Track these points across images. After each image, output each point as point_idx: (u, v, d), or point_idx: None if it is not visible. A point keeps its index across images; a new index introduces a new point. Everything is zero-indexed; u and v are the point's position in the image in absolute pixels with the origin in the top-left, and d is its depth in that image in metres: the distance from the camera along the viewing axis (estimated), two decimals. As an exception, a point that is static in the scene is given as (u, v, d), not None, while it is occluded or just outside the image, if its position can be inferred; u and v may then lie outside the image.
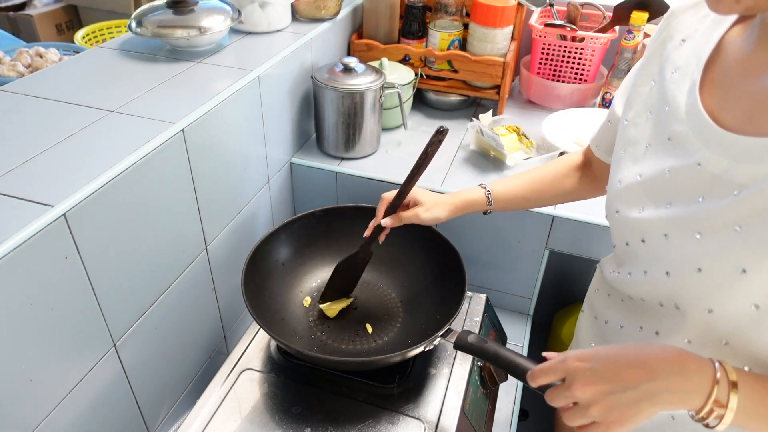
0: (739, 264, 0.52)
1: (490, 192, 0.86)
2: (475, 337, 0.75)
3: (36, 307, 0.62)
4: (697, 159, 0.55)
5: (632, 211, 0.63)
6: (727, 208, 0.52)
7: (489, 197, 0.86)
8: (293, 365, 0.87)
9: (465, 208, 0.86)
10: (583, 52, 1.36)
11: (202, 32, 0.99)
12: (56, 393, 0.68)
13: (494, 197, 0.86)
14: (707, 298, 0.56)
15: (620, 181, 0.66)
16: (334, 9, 1.24)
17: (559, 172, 0.86)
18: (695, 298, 0.57)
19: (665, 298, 0.62)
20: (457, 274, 0.88)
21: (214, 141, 0.89)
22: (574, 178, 0.86)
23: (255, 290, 0.87)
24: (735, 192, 0.52)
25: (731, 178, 0.52)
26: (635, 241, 0.65)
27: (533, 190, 0.87)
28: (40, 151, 0.72)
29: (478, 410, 0.88)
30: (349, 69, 1.14)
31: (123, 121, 0.80)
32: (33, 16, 2.19)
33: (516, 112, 1.44)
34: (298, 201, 1.27)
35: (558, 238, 1.10)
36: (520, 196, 0.87)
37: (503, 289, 1.24)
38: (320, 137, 1.22)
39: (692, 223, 0.56)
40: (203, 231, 0.91)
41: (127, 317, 0.78)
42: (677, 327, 0.61)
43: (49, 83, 0.88)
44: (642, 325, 0.69)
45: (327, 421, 0.79)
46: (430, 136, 0.75)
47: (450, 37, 1.33)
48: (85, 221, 0.66)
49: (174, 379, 0.94)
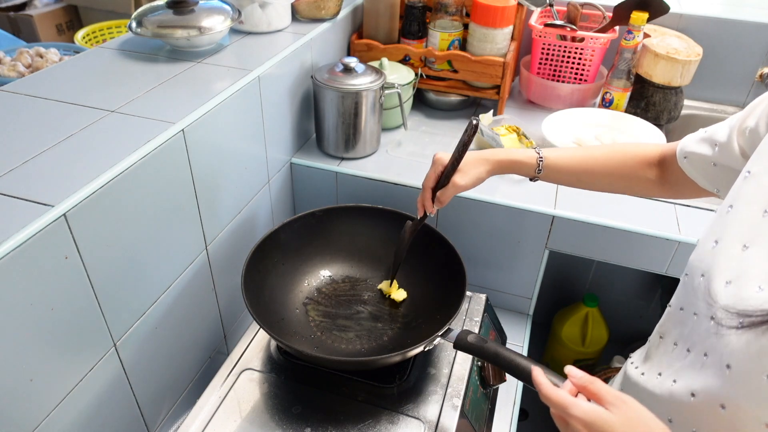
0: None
1: (542, 158, 0.79)
2: (475, 337, 0.75)
3: (36, 307, 0.62)
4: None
5: (718, 282, 0.52)
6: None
7: (540, 163, 0.79)
8: (293, 365, 0.87)
9: (510, 167, 0.80)
10: (583, 52, 1.36)
11: (202, 32, 0.99)
12: (56, 393, 0.68)
13: (545, 164, 0.79)
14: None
15: (717, 240, 0.55)
16: (334, 9, 1.24)
17: (625, 159, 0.78)
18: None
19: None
20: (457, 273, 0.88)
21: (214, 141, 0.89)
22: (641, 173, 0.77)
23: (255, 290, 0.87)
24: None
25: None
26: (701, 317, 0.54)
27: (587, 171, 0.79)
28: (40, 151, 0.72)
29: (477, 410, 0.88)
30: (349, 69, 1.14)
31: (123, 121, 0.80)
32: (33, 16, 2.19)
33: (516, 112, 1.44)
34: (298, 201, 1.27)
35: (558, 238, 1.10)
36: (573, 170, 0.80)
37: (503, 289, 1.24)
38: (320, 137, 1.22)
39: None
40: (203, 231, 0.91)
41: (127, 317, 0.78)
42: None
43: (50, 83, 0.89)
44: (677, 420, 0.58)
45: (327, 421, 0.79)
46: (462, 132, 0.76)
47: (450, 37, 1.33)
48: (85, 221, 0.66)
49: (174, 379, 0.94)
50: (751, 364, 0.47)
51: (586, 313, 1.60)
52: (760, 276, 0.48)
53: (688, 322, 0.58)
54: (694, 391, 0.53)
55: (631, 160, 0.78)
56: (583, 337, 1.62)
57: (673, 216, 1.07)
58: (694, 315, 0.56)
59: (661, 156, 0.77)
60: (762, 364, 0.46)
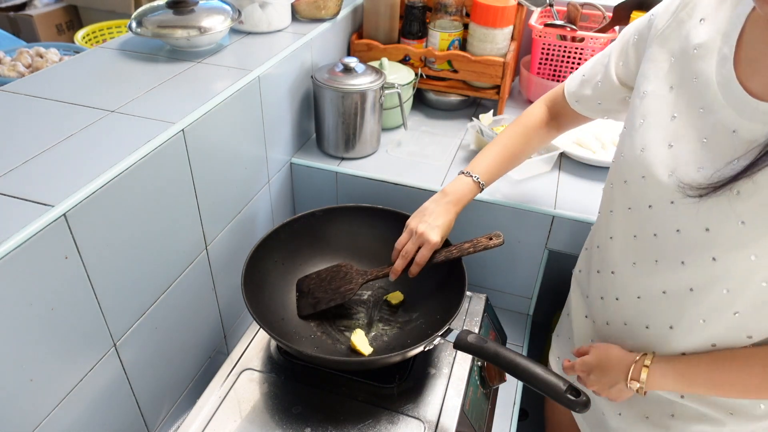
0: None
1: (477, 177, 0.91)
2: (474, 337, 0.75)
3: (36, 307, 0.62)
4: (732, 127, 0.61)
5: (661, 176, 0.68)
6: (764, 170, 0.58)
7: (480, 183, 0.91)
8: (293, 365, 0.87)
9: (465, 201, 0.91)
10: (583, 52, 1.36)
11: (202, 32, 0.99)
12: (56, 393, 0.68)
13: (484, 180, 0.91)
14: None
15: (643, 149, 0.70)
16: (334, 9, 1.24)
17: (528, 133, 0.94)
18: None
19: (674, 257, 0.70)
20: (457, 273, 0.88)
21: (214, 141, 0.89)
22: (542, 134, 0.94)
23: (255, 290, 0.87)
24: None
25: (766, 142, 0.58)
26: (659, 206, 0.69)
27: (510, 162, 0.95)
28: (40, 151, 0.72)
29: (478, 410, 0.88)
30: (349, 69, 1.14)
31: (123, 121, 0.80)
32: (33, 16, 2.19)
33: (516, 112, 1.44)
34: (298, 201, 1.27)
35: (558, 238, 1.10)
36: (501, 169, 0.94)
37: (503, 289, 1.24)
38: (320, 137, 1.22)
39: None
40: (203, 231, 0.91)
41: (127, 317, 0.78)
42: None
43: (50, 83, 0.89)
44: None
45: (327, 421, 0.79)
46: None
47: (450, 37, 1.33)
48: (85, 221, 0.66)
49: (174, 379, 0.94)
50: (696, 222, 0.65)
51: (586, 313, 1.60)
52: (696, 161, 0.64)
53: (642, 215, 0.73)
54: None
55: (533, 130, 0.94)
56: (583, 337, 1.62)
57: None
58: (648, 207, 0.71)
59: (551, 111, 0.94)
60: (700, 219, 0.64)
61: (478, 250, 0.87)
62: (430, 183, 1.13)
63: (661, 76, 0.71)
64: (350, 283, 0.91)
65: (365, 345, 0.86)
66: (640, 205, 0.73)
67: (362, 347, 0.85)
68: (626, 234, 0.76)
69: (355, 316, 0.94)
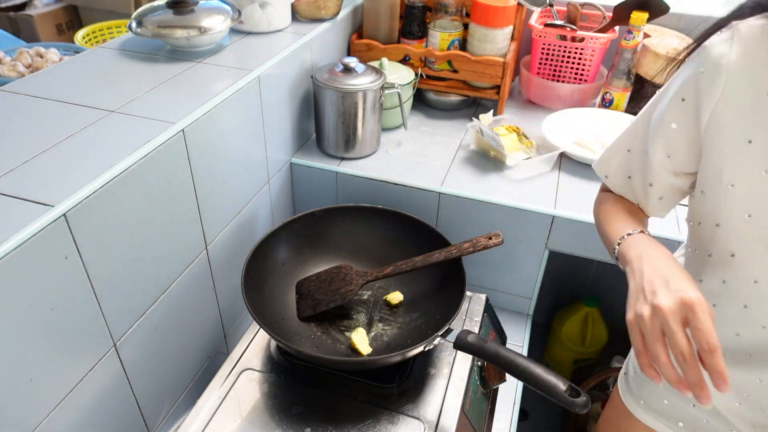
0: None
1: (638, 230, 0.75)
2: (474, 337, 0.75)
3: (36, 307, 0.62)
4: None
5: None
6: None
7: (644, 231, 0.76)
8: (293, 365, 0.87)
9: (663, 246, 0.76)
10: (582, 52, 1.36)
11: (202, 32, 0.99)
12: (56, 393, 0.68)
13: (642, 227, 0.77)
14: None
15: (750, 215, 0.63)
16: (334, 9, 1.24)
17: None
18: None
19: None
20: (457, 273, 0.88)
21: (214, 141, 0.89)
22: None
23: (255, 290, 0.87)
24: None
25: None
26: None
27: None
28: (40, 151, 0.72)
29: (478, 410, 0.88)
30: (349, 69, 1.14)
31: (123, 121, 0.80)
32: (33, 16, 2.19)
33: (516, 112, 1.44)
34: (298, 201, 1.27)
35: (558, 238, 1.10)
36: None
37: (503, 289, 1.24)
38: (320, 137, 1.22)
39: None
40: (203, 231, 0.91)
41: (127, 317, 0.78)
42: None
43: (50, 83, 0.89)
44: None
45: (327, 421, 0.79)
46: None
47: (450, 37, 1.33)
48: (85, 221, 0.66)
49: (174, 379, 0.94)
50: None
51: (586, 313, 1.60)
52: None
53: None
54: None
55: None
56: (583, 337, 1.62)
57: (673, 216, 1.07)
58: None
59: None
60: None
61: (477, 249, 0.87)
62: (430, 183, 1.13)
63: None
64: (350, 284, 0.91)
65: (365, 345, 0.86)
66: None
67: (362, 347, 0.85)
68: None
69: (355, 317, 0.94)
